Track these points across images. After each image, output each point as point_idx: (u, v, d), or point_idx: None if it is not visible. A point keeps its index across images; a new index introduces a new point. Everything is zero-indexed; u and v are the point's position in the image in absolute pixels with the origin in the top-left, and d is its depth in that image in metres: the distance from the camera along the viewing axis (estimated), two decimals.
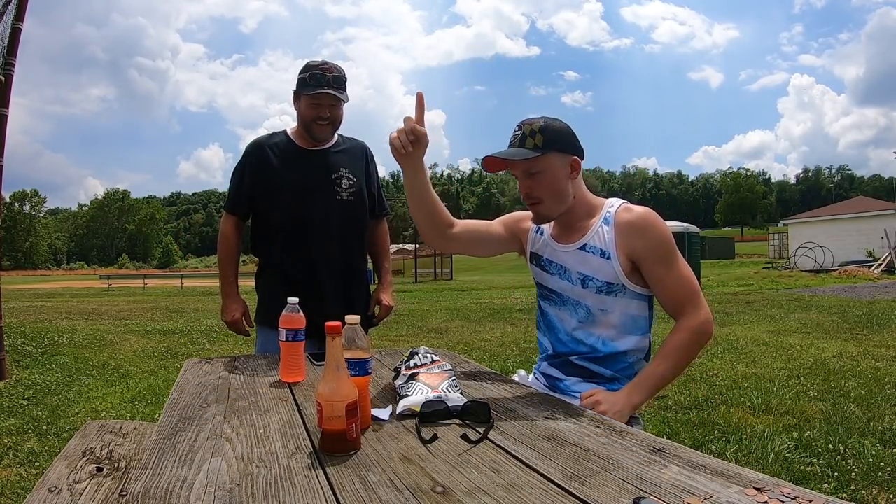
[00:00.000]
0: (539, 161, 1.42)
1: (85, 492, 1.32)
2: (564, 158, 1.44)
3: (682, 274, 1.42)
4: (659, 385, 1.37)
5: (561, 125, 1.45)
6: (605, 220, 1.45)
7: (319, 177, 2.04)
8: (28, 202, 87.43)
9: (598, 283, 1.44)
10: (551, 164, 1.43)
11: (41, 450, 3.00)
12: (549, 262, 1.54)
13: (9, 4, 4.66)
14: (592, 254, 1.45)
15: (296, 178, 2.02)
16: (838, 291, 12.45)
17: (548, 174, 1.43)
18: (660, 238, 1.41)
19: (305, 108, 2.00)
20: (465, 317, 9.34)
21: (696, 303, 1.41)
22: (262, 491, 0.79)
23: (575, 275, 1.47)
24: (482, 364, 1.76)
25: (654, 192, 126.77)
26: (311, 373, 1.54)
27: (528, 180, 1.45)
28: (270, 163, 2.04)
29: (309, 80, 1.96)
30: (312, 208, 2.02)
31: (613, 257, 1.42)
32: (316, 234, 2.02)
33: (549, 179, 1.43)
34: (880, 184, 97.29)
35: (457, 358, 1.77)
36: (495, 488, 0.79)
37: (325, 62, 1.99)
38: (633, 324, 1.46)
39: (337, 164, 2.08)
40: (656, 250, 1.40)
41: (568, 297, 1.50)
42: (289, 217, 2.03)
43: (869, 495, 2.28)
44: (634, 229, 1.41)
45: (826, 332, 6.77)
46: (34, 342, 6.37)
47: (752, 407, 3.56)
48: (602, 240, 1.44)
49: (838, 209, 27.28)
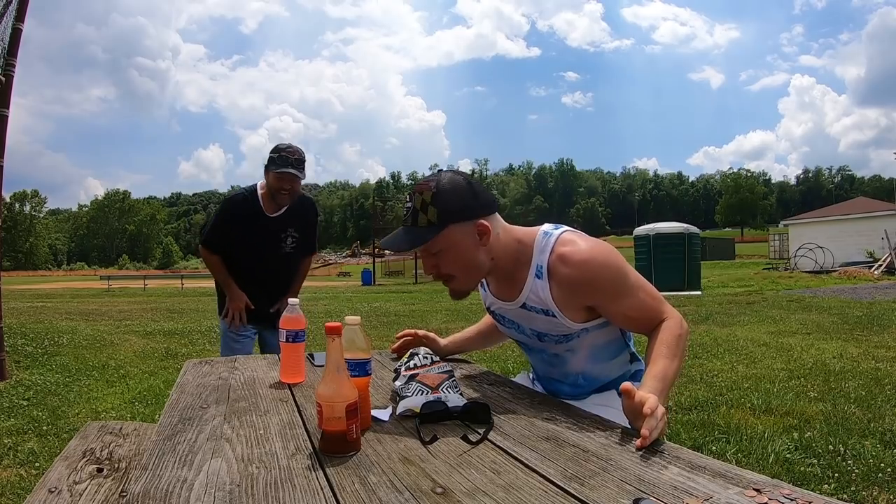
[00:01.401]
0: (437, 241, 1.24)
1: (85, 492, 1.32)
2: (467, 227, 1.25)
3: (642, 298, 1.28)
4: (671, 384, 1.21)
5: (456, 185, 1.25)
6: (538, 272, 1.29)
7: (271, 237, 2.80)
8: (28, 202, 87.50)
9: (553, 337, 1.35)
10: (451, 239, 1.25)
11: (41, 450, 3.00)
12: (502, 318, 1.45)
13: (9, 5, 4.67)
14: (535, 312, 1.33)
15: (256, 238, 2.77)
16: (839, 292, 12.45)
17: (451, 251, 1.26)
18: (606, 281, 1.26)
19: (272, 181, 2.65)
20: (466, 318, 9.34)
21: (663, 310, 1.29)
22: (262, 492, 0.79)
23: (528, 330, 1.39)
24: (482, 365, 1.76)
25: (654, 193, 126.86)
26: (312, 374, 1.54)
27: (431, 259, 1.30)
28: (240, 219, 2.75)
29: (277, 160, 2.61)
30: (263, 257, 2.81)
31: (559, 314, 1.29)
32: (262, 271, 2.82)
33: (454, 256, 1.27)
34: (881, 184, 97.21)
35: (456, 359, 1.77)
36: (495, 489, 0.79)
37: (290, 146, 2.64)
38: (607, 351, 1.39)
39: (286, 226, 2.81)
40: (607, 293, 1.27)
41: (531, 347, 1.45)
42: (246, 258, 2.80)
43: (869, 496, 2.27)
44: (579, 285, 1.26)
45: (826, 332, 6.77)
46: (34, 343, 6.38)
47: (752, 408, 3.56)
48: (539, 298, 1.29)
49: (838, 210, 27.27)
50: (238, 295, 2.77)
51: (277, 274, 2.88)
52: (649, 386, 1.12)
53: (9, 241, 73.41)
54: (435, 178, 1.27)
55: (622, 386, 1.03)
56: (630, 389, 1.02)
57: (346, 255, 69.37)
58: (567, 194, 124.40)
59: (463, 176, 1.30)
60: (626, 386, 1.03)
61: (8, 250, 72.19)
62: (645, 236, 15.28)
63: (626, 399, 1.03)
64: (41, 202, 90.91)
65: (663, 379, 1.15)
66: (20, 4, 4.76)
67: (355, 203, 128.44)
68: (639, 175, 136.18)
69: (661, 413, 0.99)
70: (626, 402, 1.03)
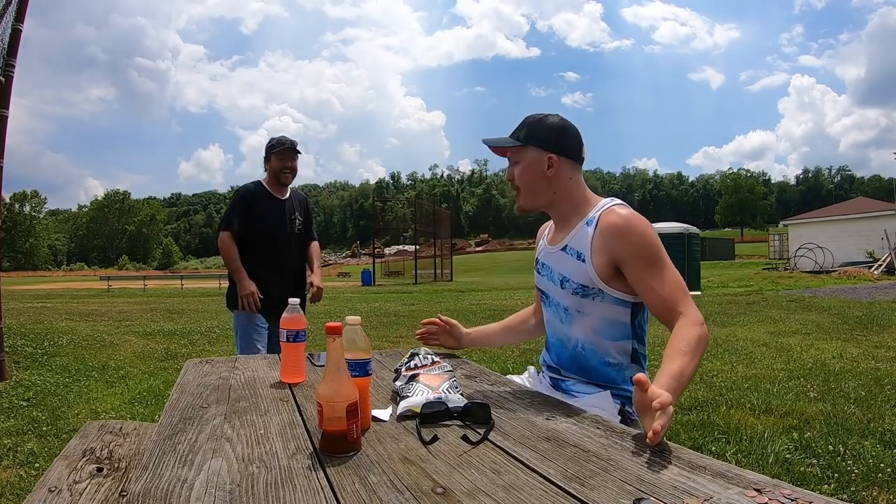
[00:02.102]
0: (517, 152, 1.50)
1: (85, 492, 1.32)
2: (541, 154, 1.47)
3: (670, 278, 1.35)
4: (687, 384, 1.23)
5: (554, 123, 1.49)
6: (590, 221, 1.44)
7: (284, 217, 3.18)
8: (28, 203, 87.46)
9: (573, 285, 1.44)
10: (526, 156, 1.49)
11: (41, 450, 3.00)
12: (542, 265, 1.58)
13: (9, 5, 4.67)
14: (570, 255, 1.46)
15: (271, 218, 3.14)
16: (838, 292, 12.45)
17: (523, 166, 1.50)
18: (643, 242, 1.36)
19: (276, 162, 3.10)
20: (466, 318, 9.34)
21: (688, 303, 1.33)
22: (262, 491, 0.79)
23: (556, 275, 1.50)
24: (482, 365, 1.76)
25: (654, 194, 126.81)
26: (312, 374, 1.54)
27: (511, 168, 1.53)
28: (254, 201, 3.13)
29: (276, 145, 3.11)
30: (279, 236, 3.16)
31: (588, 260, 1.41)
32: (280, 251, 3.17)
33: (524, 171, 1.49)
34: (880, 185, 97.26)
35: (457, 359, 1.77)
36: (496, 489, 0.79)
37: (284, 137, 3.14)
38: (611, 328, 1.43)
39: (292, 209, 3.23)
40: (640, 254, 1.36)
41: (552, 297, 1.54)
42: (264, 239, 3.12)
43: (869, 496, 2.27)
44: (616, 233, 1.38)
45: (826, 332, 6.77)
46: (34, 343, 6.37)
47: (752, 408, 3.56)
48: (581, 242, 1.44)
49: (838, 210, 27.29)
50: (249, 283, 3.01)
51: (290, 254, 3.21)
52: (664, 382, 1.12)
53: (9, 241, 73.39)
54: (544, 114, 1.52)
55: (636, 377, 1.01)
56: (644, 381, 1.01)
57: (345, 256, 69.40)
58: None
59: (564, 121, 1.51)
60: (640, 377, 1.01)
61: (8, 250, 72.16)
62: None
63: (638, 391, 1.02)
64: (41, 202, 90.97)
65: (679, 377, 1.16)
66: (20, 5, 4.76)
67: (355, 203, 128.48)
68: (639, 175, 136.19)
69: (671, 412, 0.98)
70: (638, 394, 1.02)
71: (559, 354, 1.54)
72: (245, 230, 3.09)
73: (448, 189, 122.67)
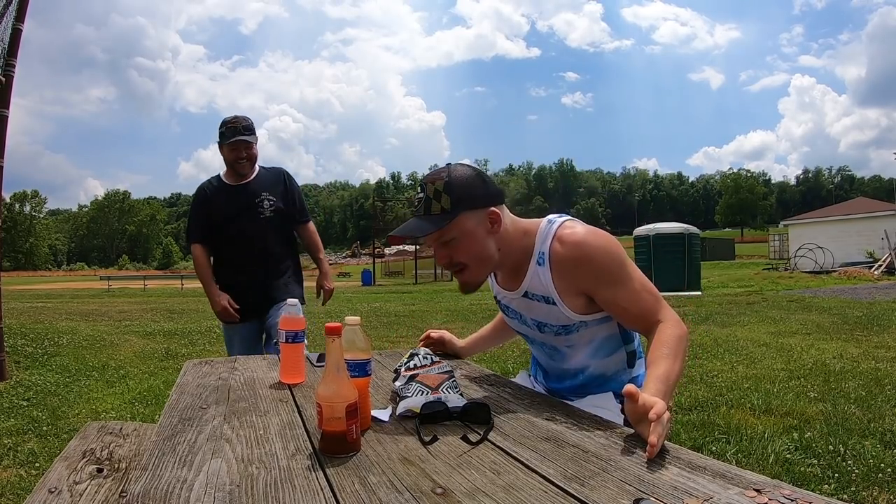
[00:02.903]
0: (450, 228, 1.26)
1: (85, 493, 1.32)
2: (479, 215, 1.28)
3: (639, 289, 1.27)
4: (675, 386, 1.18)
5: (466, 174, 1.29)
6: (540, 260, 1.32)
7: (243, 204, 2.71)
8: (28, 203, 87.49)
9: (553, 328, 1.36)
10: (465, 227, 1.27)
11: (41, 451, 3.00)
12: (507, 308, 1.49)
13: (9, 5, 4.67)
14: (537, 301, 1.35)
15: (225, 209, 2.71)
16: (838, 292, 12.45)
17: (464, 239, 1.28)
18: (601, 264, 1.27)
19: (227, 154, 2.68)
20: (466, 318, 9.34)
21: (662, 308, 1.27)
22: (261, 492, 0.79)
23: (530, 321, 1.41)
24: (482, 365, 1.76)
25: (654, 194, 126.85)
26: (311, 374, 1.54)
27: (443, 249, 1.31)
28: (209, 200, 2.75)
29: (226, 133, 2.64)
30: (239, 228, 2.71)
31: (559, 302, 1.31)
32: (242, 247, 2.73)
33: (467, 244, 1.28)
34: (880, 185, 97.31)
35: (457, 359, 1.77)
36: (495, 489, 0.79)
37: (236, 117, 2.67)
38: (606, 346, 1.40)
39: (259, 191, 2.73)
40: (602, 278, 1.27)
41: (533, 339, 1.47)
42: (223, 237, 2.75)
43: (869, 496, 2.27)
44: (572, 266, 1.28)
45: (826, 333, 6.77)
46: (34, 343, 6.37)
47: (752, 408, 3.56)
48: (541, 285, 1.32)
49: (838, 210, 27.27)
50: (218, 297, 2.70)
51: (267, 246, 2.75)
52: (652, 388, 1.08)
53: (9, 241, 73.41)
54: (446, 169, 1.30)
55: (625, 389, 0.99)
56: (634, 392, 0.98)
57: (346, 256, 69.38)
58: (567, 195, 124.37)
59: (472, 167, 1.33)
60: (629, 388, 0.98)
61: (8, 250, 72.19)
62: (645, 237, 15.27)
63: (629, 402, 0.98)
64: (41, 202, 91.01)
65: (666, 381, 1.12)
66: (20, 5, 4.76)
67: (355, 203, 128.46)
68: (639, 175, 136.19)
69: (668, 419, 0.96)
70: (630, 405, 0.99)
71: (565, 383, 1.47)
72: (210, 233, 2.75)
73: None
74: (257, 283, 2.72)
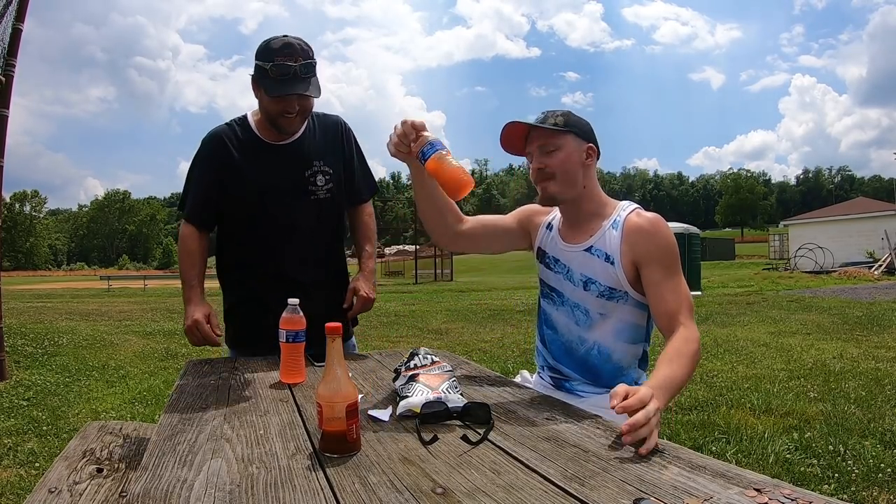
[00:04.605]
0: (558, 137, 1.43)
1: (85, 492, 1.32)
2: (581, 143, 1.46)
3: (681, 290, 1.36)
4: (676, 392, 1.22)
5: (581, 117, 1.49)
6: (615, 224, 1.44)
7: (290, 175, 1.77)
8: (28, 203, 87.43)
9: (600, 287, 1.43)
10: (568, 143, 1.44)
11: (41, 450, 3.00)
12: (555, 261, 1.53)
13: (9, 5, 4.67)
14: (597, 257, 1.43)
15: (262, 179, 1.75)
16: (838, 292, 12.44)
17: (563, 153, 1.44)
18: (665, 245, 1.38)
19: (269, 103, 1.68)
20: (466, 318, 9.34)
21: (690, 318, 1.34)
22: (262, 492, 0.79)
23: (578, 276, 1.46)
24: (482, 365, 1.76)
25: (654, 194, 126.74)
26: (312, 374, 1.54)
27: (543, 157, 1.45)
28: (229, 159, 1.74)
29: (271, 73, 1.62)
30: (282, 214, 1.76)
31: (617, 263, 1.40)
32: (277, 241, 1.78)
33: (564, 158, 1.44)
34: (881, 185, 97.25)
35: (457, 359, 1.77)
36: (495, 489, 0.79)
37: (289, 45, 1.63)
38: (630, 332, 1.45)
39: (310, 157, 1.79)
40: (659, 255, 1.37)
41: (568, 297, 1.49)
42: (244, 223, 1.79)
43: (869, 496, 2.27)
44: (642, 233, 1.39)
45: (826, 333, 6.77)
46: (34, 343, 6.37)
47: (752, 408, 3.56)
48: (608, 244, 1.42)
49: (838, 210, 27.28)
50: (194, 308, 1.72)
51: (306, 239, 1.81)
52: (652, 383, 1.12)
53: (9, 241, 73.40)
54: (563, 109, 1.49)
55: (612, 391, 1.02)
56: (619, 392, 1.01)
57: None
58: None
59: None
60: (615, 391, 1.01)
61: (8, 250, 72.20)
62: None
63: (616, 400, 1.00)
64: (41, 202, 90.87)
65: (671, 382, 1.16)
66: (20, 4, 4.76)
67: None
68: (639, 175, 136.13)
69: (654, 408, 0.97)
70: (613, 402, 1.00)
71: (566, 356, 1.52)
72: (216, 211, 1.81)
73: None
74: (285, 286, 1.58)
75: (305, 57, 1.66)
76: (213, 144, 1.77)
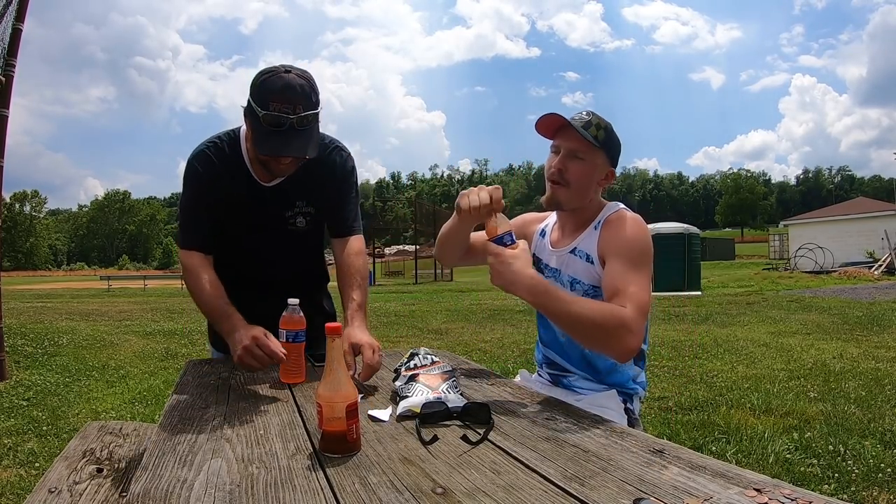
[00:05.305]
0: (592, 150, 1.44)
1: (85, 492, 1.32)
2: (607, 164, 1.49)
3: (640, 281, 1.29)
4: (555, 308, 1.20)
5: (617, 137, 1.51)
6: (597, 225, 1.47)
7: (272, 214, 1.71)
8: (28, 203, 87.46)
9: (584, 287, 1.46)
10: (596, 159, 1.46)
11: (41, 450, 3.00)
12: (546, 266, 1.58)
13: (9, 5, 4.67)
14: (580, 258, 1.48)
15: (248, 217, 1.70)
16: (838, 292, 12.44)
17: (587, 166, 1.45)
18: (632, 239, 1.38)
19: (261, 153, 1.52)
20: (466, 318, 9.34)
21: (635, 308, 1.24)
22: (262, 492, 0.79)
23: (566, 278, 1.50)
24: (482, 365, 1.76)
25: (654, 194, 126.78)
26: (312, 374, 1.54)
27: (567, 160, 1.45)
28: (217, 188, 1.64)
29: (263, 122, 1.43)
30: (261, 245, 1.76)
31: (596, 261, 1.43)
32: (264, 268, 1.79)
33: (586, 171, 1.45)
34: (881, 185, 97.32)
35: (457, 359, 1.77)
36: (495, 489, 0.79)
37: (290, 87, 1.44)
38: None
39: (293, 198, 1.71)
40: (623, 248, 1.36)
41: None
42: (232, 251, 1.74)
43: (869, 496, 2.27)
44: (611, 229, 1.42)
45: (826, 333, 6.77)
46: (34, 343, 6.37)
47: (752, 408, 3.56)
48: (589, 244, 1.46)
49: (838, 210, 27.28)
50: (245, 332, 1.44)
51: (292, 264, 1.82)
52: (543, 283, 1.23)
53: (9, 241, 73.39)
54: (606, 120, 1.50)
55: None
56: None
57: None
58: None
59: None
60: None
61: (8, 250, 72.17)
62: None
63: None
64: (41, 202, 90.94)
65: (557, 294, 1.23)
66: (20, 4, 4.76)
67: None
68: (639, 175, 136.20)
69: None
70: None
71: (567, 352, 1.54)
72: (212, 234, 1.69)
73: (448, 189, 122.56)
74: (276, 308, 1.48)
75: (307, 104, 1.47)
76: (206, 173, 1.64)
